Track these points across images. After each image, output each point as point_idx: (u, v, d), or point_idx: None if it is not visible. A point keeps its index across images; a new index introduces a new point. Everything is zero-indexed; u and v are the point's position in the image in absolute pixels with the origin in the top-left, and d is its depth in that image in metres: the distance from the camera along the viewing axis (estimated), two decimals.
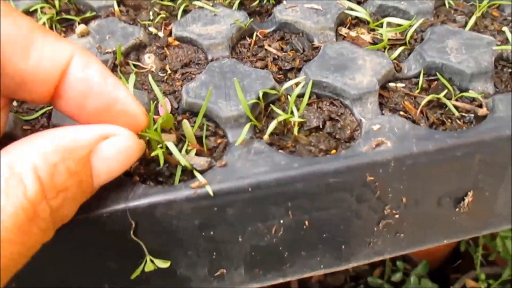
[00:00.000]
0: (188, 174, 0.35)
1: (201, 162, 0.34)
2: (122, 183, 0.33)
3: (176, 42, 0.47)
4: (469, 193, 0.39)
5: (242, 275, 0.38)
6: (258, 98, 0.39)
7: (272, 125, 0.37)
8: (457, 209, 0.40)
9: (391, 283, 1.17)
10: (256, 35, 0.48)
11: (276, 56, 0.46)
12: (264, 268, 0.38)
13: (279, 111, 0.38)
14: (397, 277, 1.18)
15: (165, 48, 0.47)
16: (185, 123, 0.36)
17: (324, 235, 0.37)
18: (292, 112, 0.38)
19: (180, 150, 0.34)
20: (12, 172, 0.24)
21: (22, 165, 0.24)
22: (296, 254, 0.38)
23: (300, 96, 0.40)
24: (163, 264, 0.33)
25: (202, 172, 0.34)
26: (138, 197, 0.32)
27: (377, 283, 1.19)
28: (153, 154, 0.33)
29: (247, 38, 0.49)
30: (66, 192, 0.26)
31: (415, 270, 1.17)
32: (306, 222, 0.36)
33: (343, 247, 0.39)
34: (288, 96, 0.40)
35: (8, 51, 0.27)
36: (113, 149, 0.29)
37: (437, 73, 0.42)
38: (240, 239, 0.35)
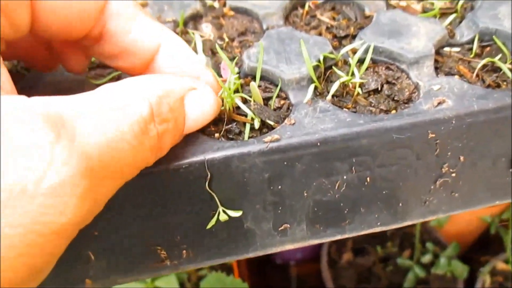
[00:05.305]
0: (256, 132, 0.37)
1: (272, 117, 0.36)
2: (199, 139, 0.35)
3: (231, 13, 0.49)
4: None
5: (304, 230, 0.40)
6: (319, 62, 0.40)
7: (335, 86, 0.38)
8: (511, 170, 0.41)
9: (421, 265, 1.18)
10: (308, 6, 0.50)
11: (329, 25, 0.47)
12: (324, 224, 0.40)
13: (340, 72, 0.39)
14: (426, 258, 1.18)
15: (221, 18, 0.49)
16: (253, 84, 0.37)
17: (384, 192, 0.39)
18: (352, 74, 0.39)
19: None
20: (128, 98, 0.28)
21: (135, 94, 0.29)
22: (356, 210, 0.39)
23: (358, 61, 0.41)
24: (235, 213, 0.35)
25: (272, 127, 0.36)
26: (214, 151, 0.34)
27: (407, 265, 1.19)
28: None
29: (299, 9, 0.50)
30: (168, 124, 0.30)
31: (445, 252, 1.17)
32: (368, 179, 0.38)
33: (400, 204, 0.40)
34: (349, 60, 0.41)
35: (115, 23, 0.33)
36: (201, 99, 0.33)
37: (494, 37, 0.43)
38: (305, 194, 0.37)
